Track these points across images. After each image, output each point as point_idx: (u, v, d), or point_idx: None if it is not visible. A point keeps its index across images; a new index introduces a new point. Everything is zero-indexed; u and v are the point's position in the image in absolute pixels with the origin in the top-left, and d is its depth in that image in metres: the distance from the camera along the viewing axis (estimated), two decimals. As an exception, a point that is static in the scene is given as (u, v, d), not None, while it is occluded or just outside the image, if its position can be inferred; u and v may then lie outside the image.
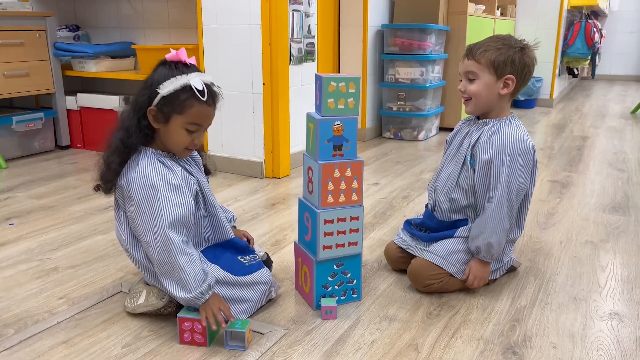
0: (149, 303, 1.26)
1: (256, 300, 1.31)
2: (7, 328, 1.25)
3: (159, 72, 1.21)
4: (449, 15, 3.64)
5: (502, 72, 1.38)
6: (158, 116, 1.21)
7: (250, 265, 1.34)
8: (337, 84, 1.25)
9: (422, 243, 1.50)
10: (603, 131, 3.83)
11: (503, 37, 1.42)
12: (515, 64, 1.38)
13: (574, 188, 2.40)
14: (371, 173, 2.65)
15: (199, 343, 1.19)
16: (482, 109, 1.43)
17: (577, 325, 1.28)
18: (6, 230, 1.86)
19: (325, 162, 1.27)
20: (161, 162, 1.22)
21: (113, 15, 3.25)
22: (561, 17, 4.87)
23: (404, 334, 1.24)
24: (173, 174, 1.22)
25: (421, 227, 1.54)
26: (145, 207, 1.17)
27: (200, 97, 1.19)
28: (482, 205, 1.41)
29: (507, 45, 1.38)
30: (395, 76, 3.48)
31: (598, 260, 1.64)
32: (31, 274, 1.53)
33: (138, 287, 1.32)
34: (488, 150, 1.39)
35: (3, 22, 2.70)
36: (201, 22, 2.52)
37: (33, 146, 2.93)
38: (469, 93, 1.41)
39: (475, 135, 1.43)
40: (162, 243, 1.15)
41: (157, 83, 1.20)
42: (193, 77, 1.19)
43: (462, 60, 1.43)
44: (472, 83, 1.41)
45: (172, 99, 1.19)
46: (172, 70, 1.20)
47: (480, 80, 1.39)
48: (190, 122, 1.21)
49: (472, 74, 1.40)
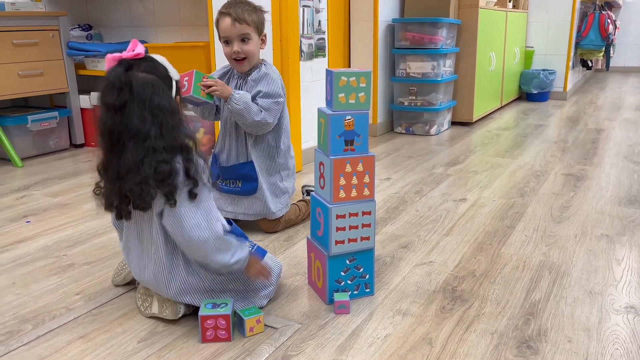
0: (162, 315, 1.27)
1: (274, 281, 1.34)
2: (25, 324, 1.27)
3: (149, 68, 1.13)
4: (460, 9, 3.61)
5: (261, 31, 1.68)
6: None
7: (259, 249, 1.35)
8: (347, 79, 1.25)
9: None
10: (618, 123, 3.78)
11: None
12: (264, 23, 1.69)
13: (588, 181, 2.37)
14: (383, 168, 2.64)
15: (223, 339, 1.19)
16: (253, 65, 1.69)
17: (593, 319, 1.27)
18: (23, 228, 1.89)
19: (337, 157, 1.27)
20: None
21: (125, 14, 3.27)
22: (574, 8, 4.80)
23: (417, 328, 1.24)
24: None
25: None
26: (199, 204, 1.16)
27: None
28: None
29: (255, 8, 1.65)
30: (407, 71, 3.46)
31: (614, 254, 1.63)
32: (48, 271, 1.56)
33: (148, 291, 1.30)
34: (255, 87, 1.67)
35: (17, 23, 2.73)
36: (212, 20, 2.52)
37: (48, 145, 2.97)
38: (246, 53, 1.64)
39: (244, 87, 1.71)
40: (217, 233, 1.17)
41: (163, 77, 1.15)
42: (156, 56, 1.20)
43: (232, 24, 1.61)
44: (246, 44, 1.63)
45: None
46: (152, 59, 1.16)
47: (252, 40, 1.64)
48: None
49: (246, 36, 1.62)
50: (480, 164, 2.70)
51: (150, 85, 1.11)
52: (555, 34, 4.92)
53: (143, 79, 1.11)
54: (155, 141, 1.10)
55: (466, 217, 1.95)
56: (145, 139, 1.10)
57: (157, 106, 1.10)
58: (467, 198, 2.16)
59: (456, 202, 2.11)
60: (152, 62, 1.16)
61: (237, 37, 1.63)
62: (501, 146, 3.11)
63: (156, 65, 1.16)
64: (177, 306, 1.25)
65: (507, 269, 1.53)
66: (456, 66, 3.70)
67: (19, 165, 2.71)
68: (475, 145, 3.15)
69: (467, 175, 2.50)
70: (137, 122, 1.09)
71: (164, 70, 1.17)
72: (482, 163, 2.72)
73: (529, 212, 1.99)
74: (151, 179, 1.10)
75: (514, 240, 1.74)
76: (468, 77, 3.69)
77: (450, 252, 1.65)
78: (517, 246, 1.69)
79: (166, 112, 1.12)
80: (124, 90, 1.09)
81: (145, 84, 1.10)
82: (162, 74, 1.16)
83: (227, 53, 1.66)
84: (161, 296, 1.27)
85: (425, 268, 1.54)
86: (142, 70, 1.12)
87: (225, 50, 1.66)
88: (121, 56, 1.13)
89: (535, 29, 4.98)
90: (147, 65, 1.14)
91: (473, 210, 2.02)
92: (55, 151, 3.01)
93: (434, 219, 1.93)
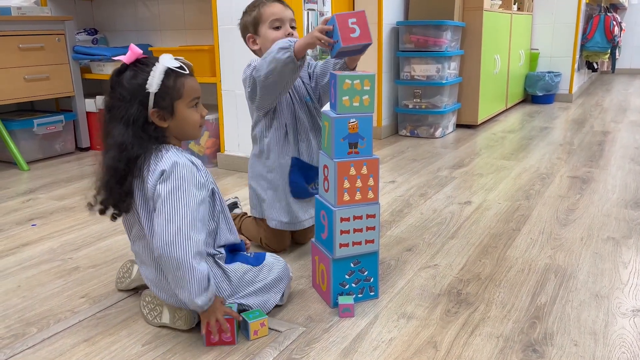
0: (174, 325, 1.25)
1: (283, 276, 1.33)
2: (30, 327, 1.28)
3: (128, 78, 1.16)
4: (465, 11, 3.60)
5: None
6: (162, 113, 1.18)
7: (256, 255, 1.34)
8: (351, 82, 1.25)
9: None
10: (624, 126, 3.76)
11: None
12: None
13: (594, 184, 2.36)
14: (387, 171, 2.64)
15: (227, 342, 1.19)
16: None
17: (599, 323, 1.26)
18: (29, 231, 1.90)
19: (341, 160, 1.27)
20: (186, 156, 1.19)
21: (130, 18, 3.29)
22: (580, 10, 4.78)
23: (422, 331, 1.23)
24: (198, 170, 1.19)
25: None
26: (172, 200, 1.13)
27: (184, 72, 1.19)
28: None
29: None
30: (411, 73, 3.46)
31: (620, 257, 1.62)
32: (53, 274, 1.56)
33: (155, 300, 1.28)
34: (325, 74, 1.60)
35: (23, 27, 2.75)
36: (217, 24, 2.54)
37: (54, 148, 2.98)
38: (296, 38, 1.55)
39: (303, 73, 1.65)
40: (180, 239, 1.11)
41: (137, 87, 1.15)
42: (163, 60, 1.17)
43: (285, 8, 1.59)
44: (294, 30, 1.59)
45: (165, 89, 1.16)
46: (141, 68, 1.16)
47: (296, 29, 1.60)
48: (190, 99, 1.20)
49: (294, 22, 1.60)
50: (485, 167, 2.69)
51: (122, 94, 1.16)
52: (561, 36, 4.90)
53: (123, 86, 1.17)
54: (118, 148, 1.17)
55: (471, 220, 1.94)
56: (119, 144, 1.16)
57: (125, 116, 1.16)
58: (472, 201, 2.15)
59: (461, 205, 2.10)
60: (136, 71, 1.16)
61: (289, 21, 1.59)
62: (506, 149, 3.10)
63: (138, 74, 1.16)
64: (192, 315, 1.23)
65: (513, 272, 1.52)
66: (461, 68, 3.69)
67: (25, 168, 2.72)
68: (480, 148, 3.14)
69: (472, 178, 2.49)
70: (111, 127, 1.18)
71: (142, 80, 1.16)
72: (487, 166, 2.72)
73: (534, 215, 1.98)
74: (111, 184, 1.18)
75: (519, 243, 1.73)
76: (473, 79, 3.69)
77: (455, 255, 1.65)
78: (522, 249, 1.68)
79: (129, 123, 1.16)
80: (111, 94, 1.19)
81: (122, 93, 1.16)
82: (137, 84, 1.16)
83: (278, 36, 1.55)
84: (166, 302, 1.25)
85: (430, 271, 1.54)
86: (126, 77, 1.17)
87: (275, 35, 1.56)
88: (121, 59, 1.17)
89: (540, 31, 4.97)
90: (130, 74, 1.17)
91: (478, 213, 2.02)
92: (61, 155, 3.02)
93: (439, 222, 1.92)
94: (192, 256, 1.11)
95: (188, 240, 1.11)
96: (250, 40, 1.63)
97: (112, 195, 1.19)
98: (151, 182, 1.16)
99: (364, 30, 1.31)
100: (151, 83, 1.15)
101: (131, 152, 1.15)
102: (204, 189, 1.18)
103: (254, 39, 1.62)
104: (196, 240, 1.12)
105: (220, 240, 1.28)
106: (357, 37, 1.30)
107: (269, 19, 1.57)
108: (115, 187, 1.17)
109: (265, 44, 1.58)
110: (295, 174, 1.60)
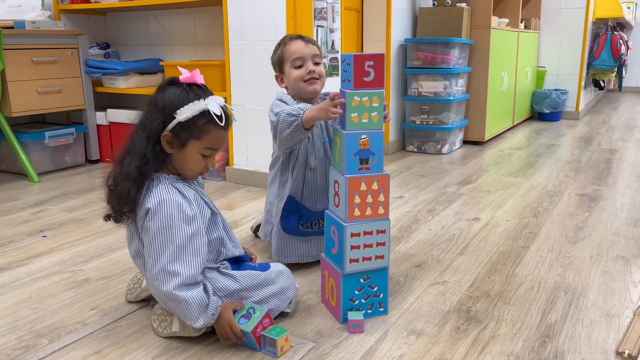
0: (184, 334, 1.26)
1: (288, 285, 1.34)
2: (41, 338, 1.28)
3: (172, 94, 1.17)
4: (472, 29, 3.63)
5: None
6: (173, 141, 1.18)
7: (261, 265, 1.36)
8: (360, 99, 1.26)
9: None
10: (632, 144, 3.76)
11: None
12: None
13: (603, 202, 2.36)
14: (395, 186, 2.64)
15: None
16: (322, 87, 1.65)
17: (610, 342, 1.25)
18: (39, 242, 1.91)
19: (352, 176, 1.28)
20: (177, 189, 1.19)
21: (142, 32, 3.34)
22: (586, 29, 4.81)
23: (432, 348, 1.23)
24: (189, 204, 1.19)
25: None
26: (159, 237, 1.15)
27: (219, 122, 1.17)
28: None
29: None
30: (419, 90, 3.48)
31: (630, 276, 1.61)
32: (64, 285, 1.57)
33: (166, 311, 1.29)
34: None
35: (37, 40, 2.80)
36: (227, 39, 2.57)
37: (64, 160, 3.01)
38: (319, 74, 1.61)
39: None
40: (166, 275, 1.14)
41: (171, 106, 1.16)
42: (210, 101, 1.17)
43: (306, 44, 1.60)
44: (318, 66, 1.61)
45: (190, 124, 1.16)
46: (187, 93, 1.17)
47: (321, 64, 1.62)
48: (206, 147, 1.20)
49: (318, 58, 1.61)
50: (493, 183, 2.70)
51: (158, 102, 1.18)
52: (567, 54, 4.93)
53: (163, 97, 1.18)
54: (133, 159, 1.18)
55: (480, 237, 1.94)
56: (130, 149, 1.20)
57: (148, 125, 1.18)
58: (480, 217, 2.16)
59: (469, 222, 2.10)
60: (183, 92, 1.17)
61: (311, 57, 1.59)
62: (514, 166, 3.10)
63: (182, 96, 1.17)
64: None
65: (522, 290, 1.52)
66: (468, 85, 3.72)
67: (36, 180, 2.75)
68: (488, 165, 3.14)
69: (480, 195, 2.50)
70: (135, 130, 1.20)
71: (180, 103, 1.17)
72: (495, 182, 2.72)
73: (543, 233, 1.98)
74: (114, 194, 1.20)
75: (528, 261, 1.72)
76: (480, 96, 3.70)
77: (464, 271, 1.65)
78: (531, 267, 1.68)
79: (149, 134, 1.18)
80: (153, 97, 1.21)
81: (158, 101, 1.18)
82: (172, 103, 1.17)
83: (299, 75, 1.57)
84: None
85: (439, 288, 1.54)
86: (171, 91, 1.18)
87: (297, 73, 1.58)
88: (186, 78, 1.20)
89: (547, 49, 4.99)
90: (176, 91, 1.18)
91: (486, 229, 2.01)
92: (71, 167, 3.05)
93: (447, 238, 1.92)
94: (180, 290, 1.15)
95: (175, 277, 1.15)
96: (278, 79, 1.67)
97: (122, 200, 1.18)
98: (139, 215, 1.19)
99: (379, 75, 1.26)
100: (183, 111, 1.15)
101: (145, 167, 1.17)
102: (194, 221, 1.18)
103: (282, 78, 1.66)
104: (186, 275, 1.15)
105: (227, 256, 1.32)
106: (369, 82, 1.26)
107: (290, 57, 1.59)
108: (128, 193, 1.17)
109: (289, 83, 1.62)
110: (287, 211, 1.62)
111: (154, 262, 1.16)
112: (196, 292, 1.17)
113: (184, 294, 1.15)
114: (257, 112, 2.53)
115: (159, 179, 1.20)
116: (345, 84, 1.30)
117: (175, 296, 1.15)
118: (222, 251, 1.31)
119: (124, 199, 1.17)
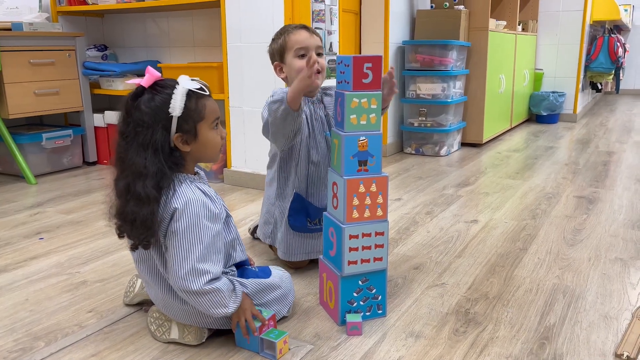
0: (184, 341, 1.25)
1: (289, 290, 1.35)
2: (38, 341, 1.28)
3: (149, 101, 1.12)
4: (470, 31, 3.64)
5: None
6: (185, 137, 1.16)
7: (261, 269, 1.36)
8: (359, 100, 1.26)
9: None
10: (629, 146, 3.77)
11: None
12: None
13: (601, 204, 2.36)
14: (393, 188, 2.64)
15: None
16: (323, 81, 1.60)
17: (609, 344, 1.25)
18: (36, 245, 1.91)
19: (350, 178, 1.28)
20: (198, 188, 1.18)
21: (139, 34, 3.34)
22: (584, 31, 4.83)
23: (430, 350, 1.23)
24: (212, 201, 1.19)
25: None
26: (188, 237, 1.13)
27: (204, 93, 1.17)
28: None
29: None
30: (417, 92, 3.48)
31: (628, 278, 1.61)
32: (61, 288, 1.56)
33: (163, 316, 1.28)
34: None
35: (35, 42, 2.79)
36: (225, 41, 2.57)
37: (62, 162, 3.00)
38: (322, 66, 1.54)
39: (321, 111, 1.62)
40: (195, 274, 1.13)
41: (160, 111, 1.12)
42: (183, 82, 1.15)
43: (310, 35, 1.56)
44: (321, 57, 1.56)
45: (187, 112, 1.14)
46: (159, 91, 1.13)
47: (323, 56, 1.58)
48: (212, 120, 1.19)
49: (320, 49, 1.57)
50: (491, 186, 2.70)
51: (142, 119, 1.12)
52: (565, 56, 4.94)
53: (141, 110, 1.12)
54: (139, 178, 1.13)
55: (478, 239, 1.94)
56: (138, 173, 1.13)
57: (150, 142, 1.12)
58: (478, 219, 2.15)
59: (467, 224, 2.10)
60: (155, 94, 1.13)
61: (314, 48, 1.55)
62: (511, 168, 3.10)
63: (157, 97, 1.13)
64: (202, 331, 1.24)
65: (521, 292, 1.52)
66: (466, 88, 3.72)
67: (33, 182, 2.74)
68: (486, 167, 3.14)
69: (478, 197, 2.50)
70: (131, 155, 1.13)
71: (162, 103, 1.12)
72: (493, 184, 2.72)
73: (541, 235, 1.98)
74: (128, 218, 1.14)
75: (526, 263, 1.72)
76: (478, 98, 3.71)
77: (462, 274, 1.64)
78: (530, 269, 1.68)
79: (156, 150, 1.13)
80: (126, 120, 1.14)
81: (141, 117, 1.12)
82: (157, 108, 1.12)
83: (302, 66, 1.46)
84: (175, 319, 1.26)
85: (438, 290, 1.53)
86: (144, 101, 1.13)
87: (299, 64, 1.52)
88: (138, 83, 1.15)
89: (545, 52, 5.00)
90: (148, 97, 1.13)
91: (485, 232, 2.01)
92: (69, 169, 3.04)
93: (445, 240, 1.92)
94: (210, 284, 1.15)
95: (205, 275, 1.14)
96: (277, 68, 1.62)
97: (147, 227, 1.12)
98: (165, 220, 1.15)
99: (377, 77, 1.26)
100: (174, 106, 1.12)
101: (163, 181, 1.13)
102: (218, 220, 1.19)
103: (281, 67, 1.60)
104: (214, 272, 1.16)
105: (235, 261, 1.32)
106: (368, 84, 1.26)
107: (294, 47, 1.55)
108: (149, 217, 1.12)
109: (290, 73, 1.57)
110: (294, 209, 1.60)
111: (182, 262, 1.13)
112: (223, 279, 1.18)
113: (215, 285, 1.15)
114: (255, 114, 2.53)
115: (178, 179, 1.18)
116: (341, 86, 1.30)
117: (206, 290, 1.14)
118: (232, 255, 1.30)
119: (149, 222, 1.12)
